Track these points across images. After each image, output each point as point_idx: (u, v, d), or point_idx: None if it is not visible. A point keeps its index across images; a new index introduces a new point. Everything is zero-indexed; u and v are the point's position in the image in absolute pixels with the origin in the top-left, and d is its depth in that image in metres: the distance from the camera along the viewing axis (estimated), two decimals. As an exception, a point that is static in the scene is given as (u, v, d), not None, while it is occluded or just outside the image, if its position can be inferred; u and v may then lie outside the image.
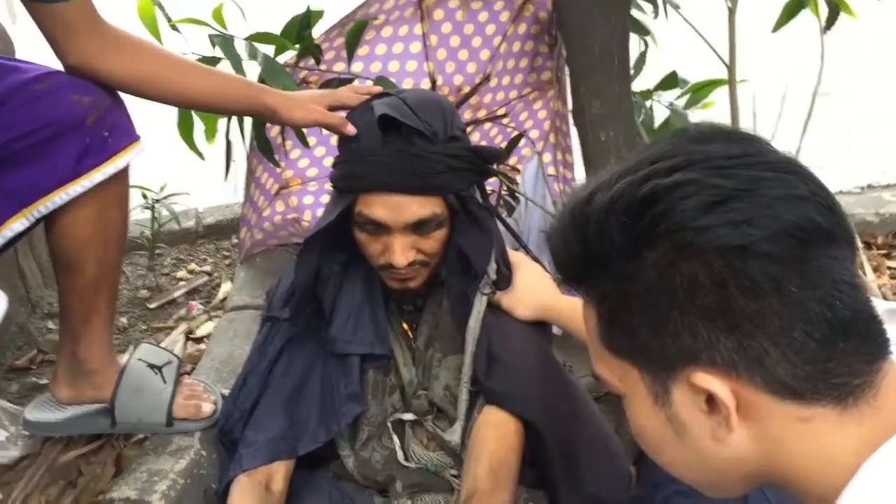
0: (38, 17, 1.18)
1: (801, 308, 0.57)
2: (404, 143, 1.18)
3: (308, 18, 1.49)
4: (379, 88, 1.33)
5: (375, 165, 1.18)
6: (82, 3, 1.18)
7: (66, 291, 1.32)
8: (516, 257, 1.34)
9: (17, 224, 1.21)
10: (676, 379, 0.61)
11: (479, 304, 1.27)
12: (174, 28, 1.47)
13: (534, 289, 1.31)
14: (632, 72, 1.67)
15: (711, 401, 0.60)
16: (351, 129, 1.22)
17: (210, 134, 1.56)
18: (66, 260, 1.28)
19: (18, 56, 1.66)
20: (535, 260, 1.38)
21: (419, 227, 1.20)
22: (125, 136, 1.25)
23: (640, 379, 0.64)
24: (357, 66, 1.75)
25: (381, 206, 1.18)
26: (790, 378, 0.58)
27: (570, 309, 1.26)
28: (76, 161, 1.20)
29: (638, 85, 1.81)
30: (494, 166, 1.30)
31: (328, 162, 1.94)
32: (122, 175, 1.27)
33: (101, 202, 1.25)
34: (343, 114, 1.27)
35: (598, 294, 0.65)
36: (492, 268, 1.28)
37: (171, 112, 1.46)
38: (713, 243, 0.57)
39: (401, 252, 1.20)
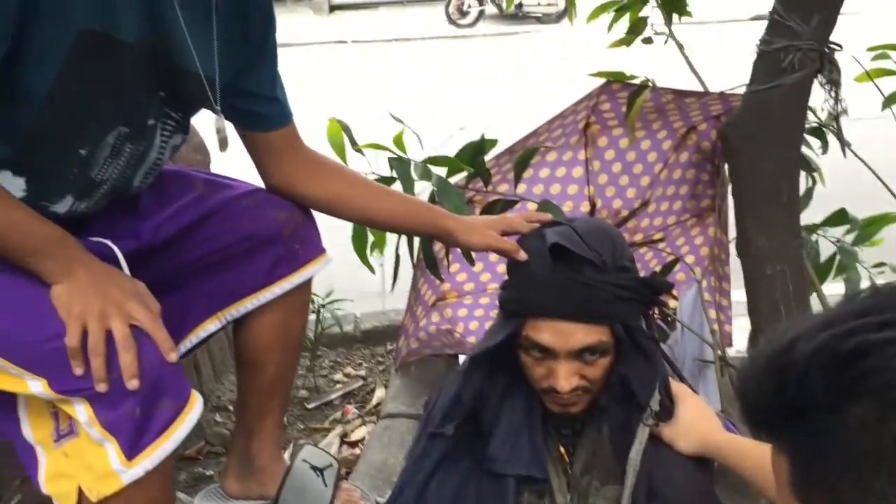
0: (248, 142, 1.32)
1: None
2: (574, 272, 1.21)
3: (483, 145, 1.58)
4: (549, 216, 1.39)
5: (545, 292, 1.21)
6: (288, 131, 1.31)
7: (245, 390, 1.41)
8: (679, 389, 1.33)
9: (212, 326, 1.33)
10: None
11: (642, 436, 1.26)
12: (359, 151, 1.60)
13: (697, 422, 1.29)
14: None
15: None
16: (522, 255, 1.27)
17: (380, 248, 1.65)
18: (249, 361, 1.38)
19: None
20: (693, 390, 1.36)
21: (584, 354, 1.21)
22: (313, 249, 1.35)
23: None
24: (520, 188, 1.82)
25: (549, 332, 1.20)
26: None
27: (733, 447, 1.23)
28: (269, 270, 1.31)
29: (803, 219, 1.79)
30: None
31: (485, 277, 2.00)
32: (307, 285, 1.37)
33: (285, 309, 1.35)
34: (514, 239, 1.32)
35: (792, 444, 0.64)
36: (655, 399, 1.27)
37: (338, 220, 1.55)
38: None
39: (565, 378, 1.21)
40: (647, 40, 2.03)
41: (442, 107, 6.67)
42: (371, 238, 1.70)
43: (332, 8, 12.01)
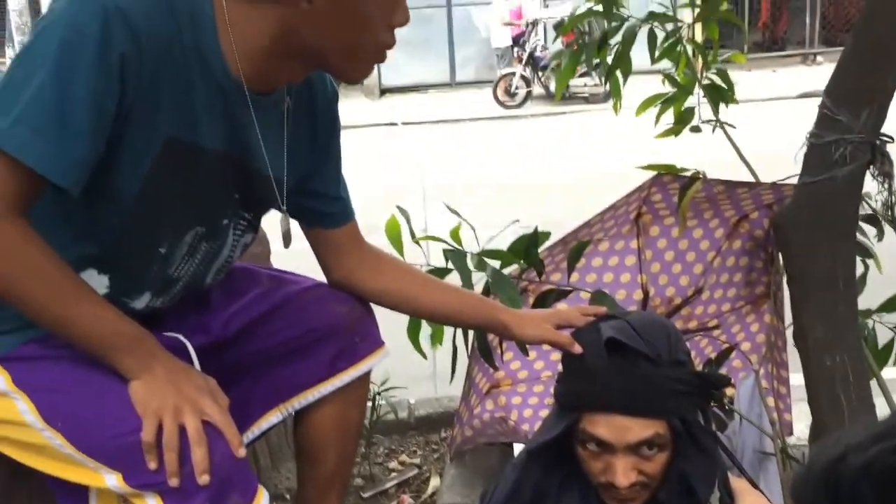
0: (311, 238, 1.37)
1: None
2: (630, 366, 1.22)
3: (536, 238, 1.62)
4: (603, 309, 1.41)
5: (601, 386, 1.23)
6: (350, 228, 1.37)
7: (304, 480, 1.43)
8: (739, 485, 1.31)
9: (274, 417, 1.36)
10: None
11: (702, 532, 1.25)
12: (416, 242, 1.65)
13: (758, 520, 1.27)
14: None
15: None
16: (577, 349, 1.29)
17: (438, 340, 1.68)
18: (309, 453, 1.40)
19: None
20: (753, 484, 1.34)
21: (642, 449, 1.21)
22: (372, 342, 1.39)
23: None
24: (573, 277, 1.84)
25: (606, 426, 1.21)
26: None
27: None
28: (330, 363, 1.35)
29: (859, 304, 1.78)
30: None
31: (539, 365, 2.01)
32: (365, 377, 1.40)
33: (344, 401, 1.38)
34: (569, 331, 1.34)
35: None
36: (715, 495, 1.26)
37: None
38: None
39: (623, 473, 1.21)
40: (696, 129, 2.08)
41: (494, 188, 6.77)
42: (427, 329, 1.74)
43: (383, 91, 12.37)
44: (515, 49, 11.76)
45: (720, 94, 2.04)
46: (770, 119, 8.00)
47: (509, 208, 6.01)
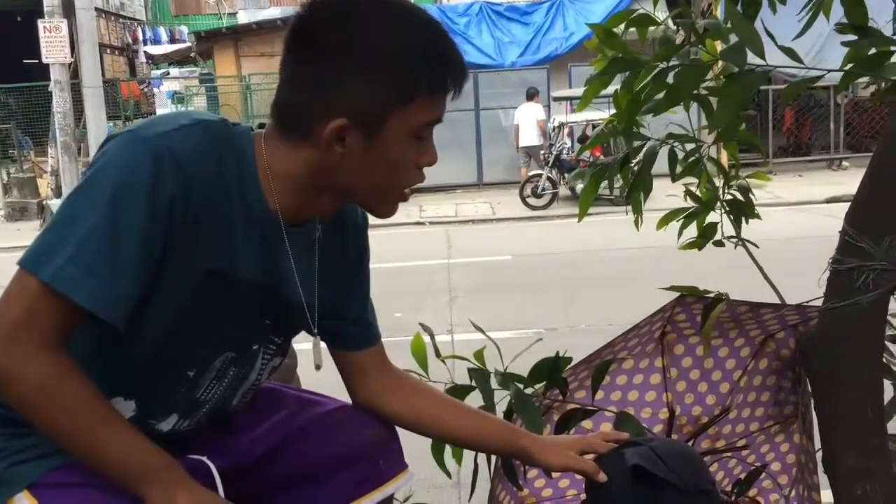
0: (338, 359, 1.40)
1: None
2: (655, 494, 1.21)
3: (558, 362, 1.63)
4: (626, 435, 1.40)
5: (627, 515, 1.21)
6: (376, 350, 1.39)
7: None
8: None
9: (297, 541, 1.36)
10: None
11: None
12: (442, 361, 1.66)
13: None
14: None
15: None
16: (602, 476, 1.28)
17: (458, 458, 1.68)
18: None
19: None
20: None
21: (669, 583, 1.19)
22: (397, 464, 1.39)
23: None
24: (598, 395, 1.83)
25: (632, 557, 1.20)
26: None
27: None
28: (354, 486, 1.35)
29: (892, 427, 1.75)
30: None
31: (563, 483, 1.98)
32: (389, 500, 1.40)
33: (368, 524, 1.37)
34: (592, 457, 1.34)
35: None
36: None
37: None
38: None
39: None
40: (718, 243, 2.09)
41: (521, 288, 6.79)
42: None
43: (412, 191, 12.59)
44: (542, 152, 11.99)
45: (742, 211, 2.06)
46: (796, 223, 8.03)
47: (537, 308, 6.03)
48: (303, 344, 1.35)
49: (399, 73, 1.07)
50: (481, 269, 7.79)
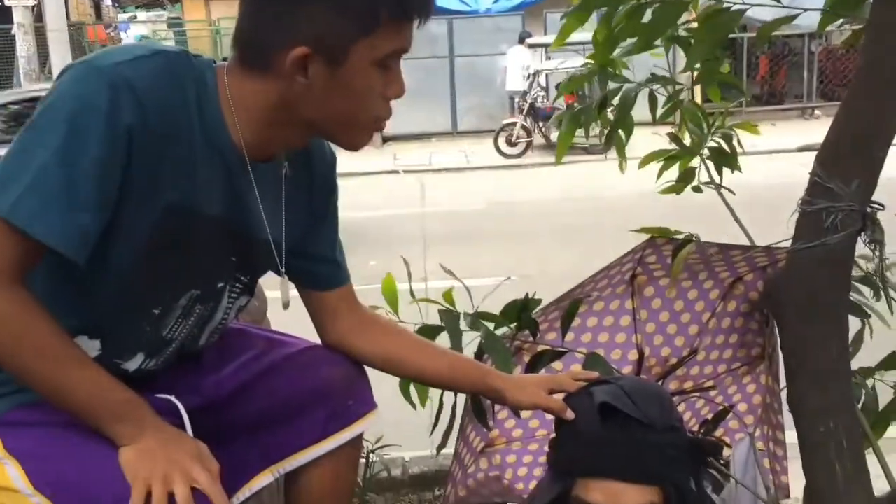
0: (307, 299, 1.39)
1: None
2: (623, 431, 1.23)
3: (527, 303, 1.63)
4: (596, 374, 1.41)
5: (594, 452, 1.23)
6: (345, 291, 1.38)
7: (295, 543, 1.42)
8: (732, 553, 1.31)
9: (265, 479, 1.36)
10: None
11: None
12: (414, 301, 1.66)
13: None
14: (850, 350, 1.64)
15: None
16: (570, 414, 1.29)
17: (422, 399, 1.68)
18: (301, 515, 1.40)
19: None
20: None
21: (635, 516, 1.21)
22: (365, 404, 1.39)
23: None
24: (568, 336, 1.84)
25: (599, 492, 1.21)
26: None
27: None
28: (322, 425, 1.34)
29: (859, 362, 1.76)
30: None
31: (533, 423, 2.00)
32: (358, 439, 1.40)
33: (337, 463, 1.37)
34: (561, 397, 1.35)
35: None
36: (708, 565, 1.25)
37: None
38: None
39: (616, 539, 1.21)
40: (697, 189, 2.08)
41: (494, 237, 6.79)
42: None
43: (385, 139, 12.49)
44: (517, 100, 11.92)
45: (725, 160, 2.04)
46: (769, 171, 8.07)
47: (511, 256, 6.04)
48: (274, 291, 1.33)
49: (362, 1, 1.04)
50: (455, 217, 7.78)
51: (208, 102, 1.09)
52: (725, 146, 2.03)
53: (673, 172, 2.08)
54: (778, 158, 9.45)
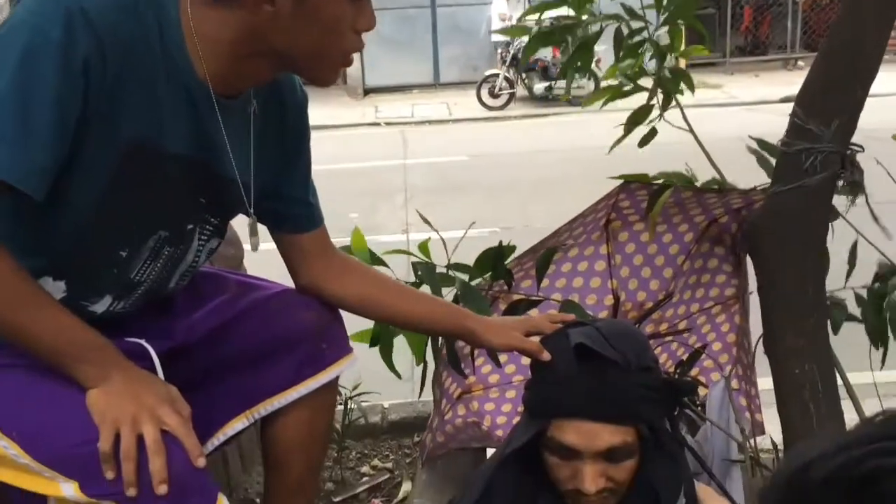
0: (279, 242, 1.36)
1: None
2: (599, 372, 1.22)
3: (502, 252, 1.62)
4: (572, 316, 1.40)
5: (569, 392, 1.23)
6: (318, 233, 1.36)
7: (271, 488, 1.42)
8: (704, 492, 1.32)
9: (239, 424, 1.35)
10: None
11: (668, 541, 1.25)
12: (383, 264, 1.63)
13: (722, 528, 1.27)
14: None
15: None
16: (546, 356, 1.28)
17: (418, 358, 1.67)
18: (276, 459, 1.39)
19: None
20: (721, 488, 1.35)
21: (610, 456, 1.21)
22: (340, 348, 1.38)
23: None
24: (543, 283, 1.83)
25: (574, 433, 1.21)
26: None
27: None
28: (296, 370, 1.33)
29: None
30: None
31: (510, 369, 2.00)
32: (333, 384, 1.39)
33: (312, 408, 1.37)
34: (537, 339, 1.34)
35: None
36: (680, 502, 1.26)
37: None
38: None
39: (591, 479, 1.21)
40: (653, 131, 1.99)
41: (476, 189, 6.76)
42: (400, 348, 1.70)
43: (367, 91, 12.34)
44: (500, 51, 11.78)
45: (675, 83, 1.96)
46: (752, 123, 8.06)
47: (492, 208, 6.02)
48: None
49: None
50: (437, 169, 7.71)
51: (171, 34, 1.05)
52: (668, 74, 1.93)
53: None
54: (760, 110, 9.42)
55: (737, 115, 8.80)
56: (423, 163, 8.06)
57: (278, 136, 1.26)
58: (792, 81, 10.97)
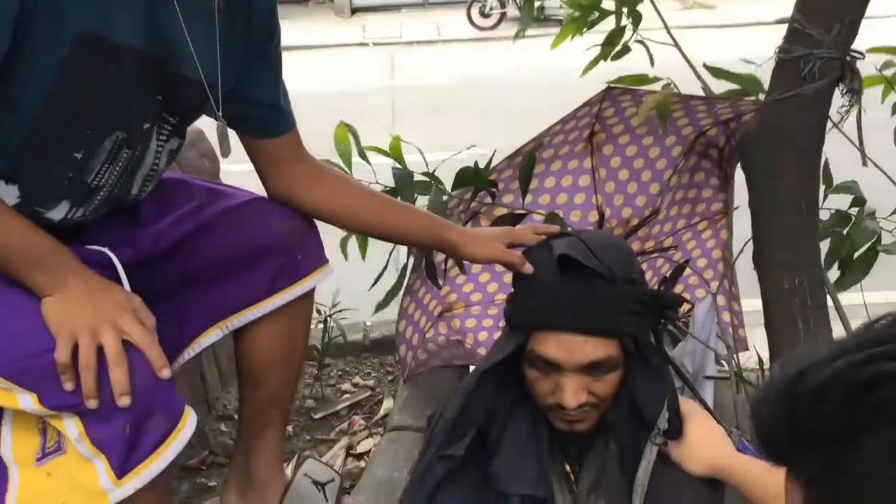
0: (250, 148, 1.30)
1: None
2: (582, 284, 1.18)
3: (478, 172, 1.56)
4: (557, 228, 1.35)
5: (552, 304, 1.18)
6: (290, 138, 1.29)
7: (246, 403, 1.39)
8: (688, 406, 1.29)
9: (213, 335, 1.30)
10: None
11: (650, 455, 1.22)
12: (364, 158, 1.57)
13: (705, 443, 1.25)
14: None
15: None
16: (529, 268, 1.24)
17: (362, 251, 1.61)
18: (250, 372, 1.35)
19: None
20: (705, 406, 1.32)
21: (592, 369, 1.18)
22: (315, 259, 1.33)
23: None
24: (526, 199, 1.77)
25: (555, 345, 1.17)
26: None
27: (744, 469, 1.19)
28: (270, 281, 1.28)
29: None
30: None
31: (492, 287, 1.96)
32: (308, 296, 1.34)
33: (287, 320, 1.32)
34: (520, 251, 1.29)
35: (806, 473, 0.62)
36: (664, 417, 1.24)
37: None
38: None
39: (572, 393, 1.18)
40: (625, 49, 1.89)
41: (464, 111, 6.64)
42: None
43: (354, 10, 12.02)
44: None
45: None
46: (744, 45, 7.90)
47: (480, 130, 5.92)
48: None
49: None
50: (426, 91, 7.56)
51: None
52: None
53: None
54: (752, 32, 9.24)
55: (731, 38, 8.63)
56: (411, 84, 7.90)
57: (246, 36, 1.18)
58: (787, 2, 10.77)
